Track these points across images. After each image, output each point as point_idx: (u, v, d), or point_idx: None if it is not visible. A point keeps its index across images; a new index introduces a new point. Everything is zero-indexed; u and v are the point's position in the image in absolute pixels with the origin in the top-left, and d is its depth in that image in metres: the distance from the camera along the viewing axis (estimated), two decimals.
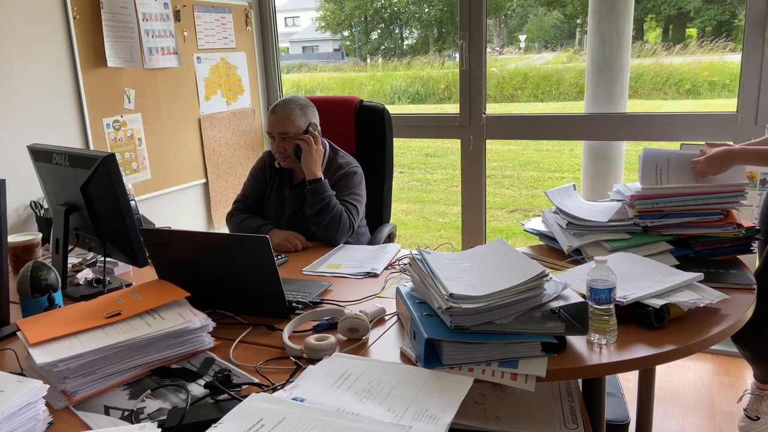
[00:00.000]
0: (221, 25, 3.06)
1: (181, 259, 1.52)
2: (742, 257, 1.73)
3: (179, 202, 2.96)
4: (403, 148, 9.06)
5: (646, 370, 1.89)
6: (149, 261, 1.61)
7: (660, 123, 2.64)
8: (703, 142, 2.45)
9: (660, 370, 2.50)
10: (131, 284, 1.77)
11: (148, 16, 2.65)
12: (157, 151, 2.78)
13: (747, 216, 2.17)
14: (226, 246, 1.48)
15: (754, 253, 1.74)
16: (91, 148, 2.49)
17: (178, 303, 1.37)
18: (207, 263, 1.48)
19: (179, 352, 1.29)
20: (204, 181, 3.06)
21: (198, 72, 2.96)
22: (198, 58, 2.95)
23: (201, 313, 1.34)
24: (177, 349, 1.29)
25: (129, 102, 2.63)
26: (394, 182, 2.55)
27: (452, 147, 2.89)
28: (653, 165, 1.79)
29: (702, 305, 1.36)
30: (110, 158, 1.55)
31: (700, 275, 1.44)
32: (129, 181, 2.52)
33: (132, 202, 2.18)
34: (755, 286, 1.53)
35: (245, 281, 1.48)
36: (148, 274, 1.74)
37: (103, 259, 1.76)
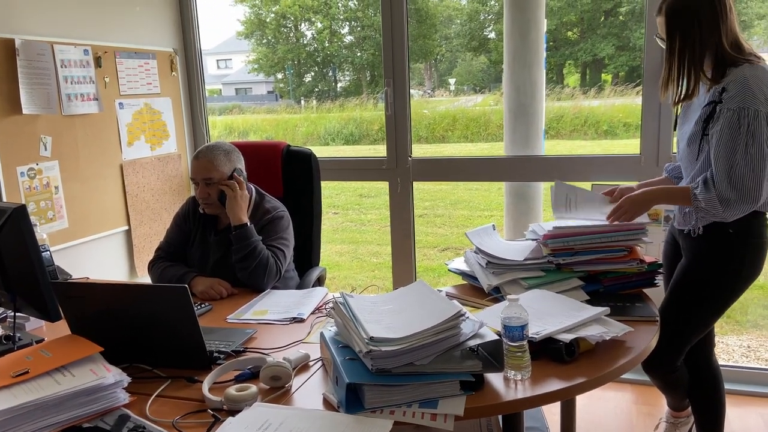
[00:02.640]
0: (145, 71, 3.04)
1: (96, 313, 1.47)
2: (648, 291, 1.85)
3: (100, 251, 2.86)
4: (337, 189, 9.12)
5: (567, 403, 1.95)
6: (62, 315, 1.55)
7: (573, 165, 2.79)
8: (613, 183, 2.63)
9: (582, 400, 2.59)
10: (44, 340, 1.69)
11: (66, 62, 2.61)
12: (75, 198, 2.69)
13: (654, 252, 2.30)
14: (142, 297, 1.45)
15: (658, 286, 1.86)
16: (4, 197, 2.38)
17: (90, 358, 1.33)
18: (123, 316, 1.45)
19: (91, 411, 1.24)
20: (126, 228, 2.98)
21: (120, 118, 2.91)
22: (120, 103, 2.91)
23: (115, 368, 1.31)
24: (89, 407, 1.24)
25: (45, 149, 2.55)
26: (328, 224, 2.58)
27: (385, 187, 2.96)
28: (564, 194, 1.92)
29: (608, 338, 1.43)
30: (20, 210, 1.50)
31: (606, 309, 1.53)
32: (44, 231, 2.42)
33: (46, 253, 2.11)
34: (658, 318, 1.63)
35: (164, 333, 1.45)
36: (63, 328, 1.67)
37: (13, 314, 1.68)
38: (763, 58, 1.74)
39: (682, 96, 1.80)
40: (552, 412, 2.37)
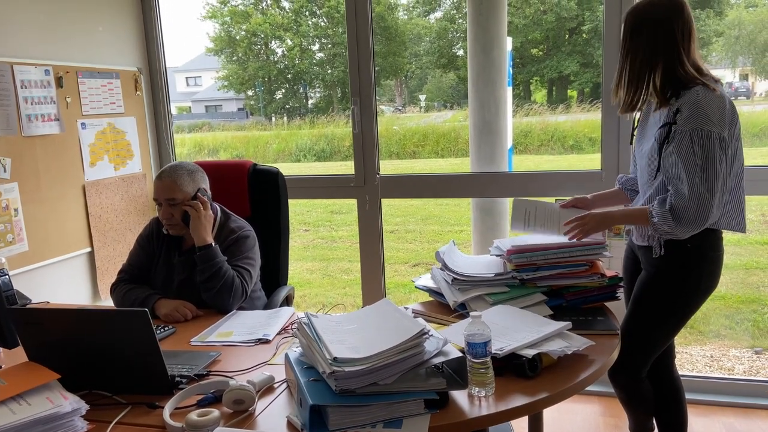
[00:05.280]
0: (108, 90, 3.01)
1: (55, 339, 1.44)
2: (610, 304, 1.88)
3: (61, 274, 2.79)
4: (308, 206, 9.08)
5: (534, 417, 1.97)
6: (20, 342, 1.51)
7: (537, 181, 2.84)
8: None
9: (550, 414, 2.61)
10: (0, 367, 1.64)
11: (27, 83, 2.57)
12: (35, 221, 2.64)
13: (617, 266, 2.34)
14: (102, 322, 1.42)
15: (620, 299, 1.89)
16: None
17: (47, 386, 1.29)
18: (82, 341, 1.41)
19: None
20: (89, 250, 2.92)
21: (82, 138, 2.86)
22: (82, 124, 2.86)
23: (73, 395, 1.28)
24: None
25: (4, 171, 2.50)
26: (299, 241, 2.57)
27: (356, 204, 2.98)
28: (523, 210, 1.96)
29: (570, 352, 1.45)
30: None
31: (568, 324, 1.55)
32: (3, 255, 2.36)
33: (4, 278, 2.05)
34: (619, 332, 1.66)
35: (125, 358, 1.42)
36: (21, 355, 1.63)
37: None
38: (721, 81, 1.80)
39: (626, 105, 1.85)
40: (521, 427, 2.38)
